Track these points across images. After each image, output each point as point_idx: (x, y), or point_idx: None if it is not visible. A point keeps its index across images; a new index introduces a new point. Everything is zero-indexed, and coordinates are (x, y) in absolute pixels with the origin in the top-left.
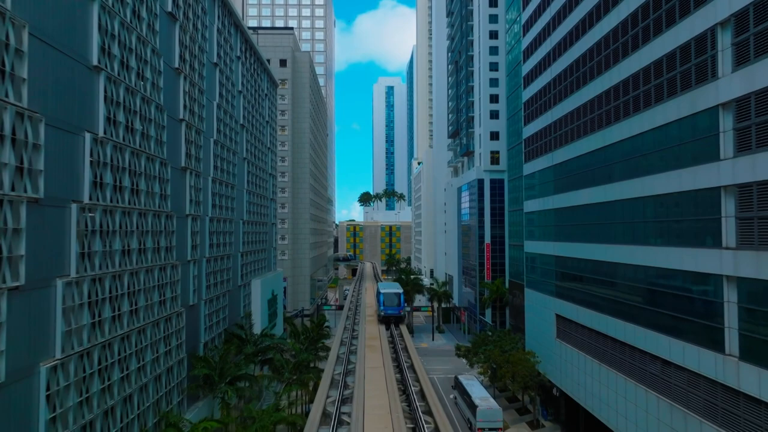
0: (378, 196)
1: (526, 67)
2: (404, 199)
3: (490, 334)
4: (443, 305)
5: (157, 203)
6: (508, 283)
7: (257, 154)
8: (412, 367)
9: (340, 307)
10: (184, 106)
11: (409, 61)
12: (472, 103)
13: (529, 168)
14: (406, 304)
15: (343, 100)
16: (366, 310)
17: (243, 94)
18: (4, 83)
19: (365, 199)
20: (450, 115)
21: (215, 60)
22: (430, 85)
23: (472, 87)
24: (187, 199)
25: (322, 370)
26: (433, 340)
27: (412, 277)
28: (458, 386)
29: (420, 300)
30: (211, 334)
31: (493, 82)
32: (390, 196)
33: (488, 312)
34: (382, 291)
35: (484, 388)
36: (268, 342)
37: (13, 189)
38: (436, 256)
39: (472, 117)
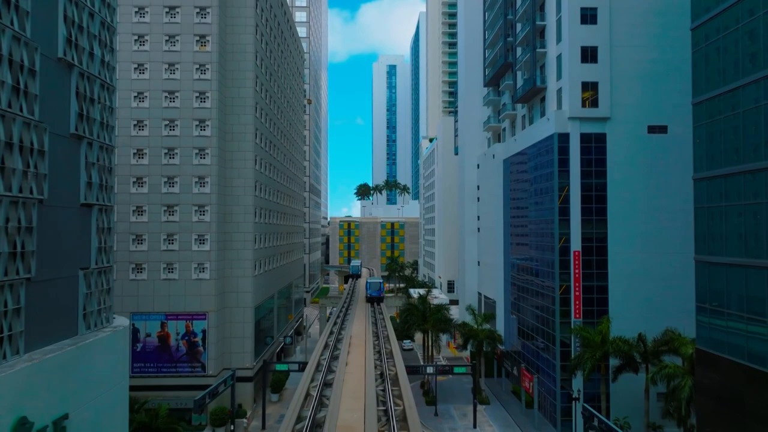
0: (378, 189)
1: None
2: (408, 192)
3: None
4: (484, 349)
5: None
6: (694, 352)
7: None
8: None
9: (304, 367)
10: None
11: (414, 33)
12: (542, 4)
13: None
14: (384, 289)
15: (345, 93)
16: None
17: None
18: None
19: (363, 192)
20: (487, 51)
21: None
22: (445, 43)
23: None
24: None
25: None
26: (474, 426)
27: (432, 303)
28: None
29: (443, 343)
30: None
31: None
32: (392, 188)
33: (576, 378)
34: (369, 281)
35: None
36: None
37: None
38: (463, 267)
39: (543, 28)
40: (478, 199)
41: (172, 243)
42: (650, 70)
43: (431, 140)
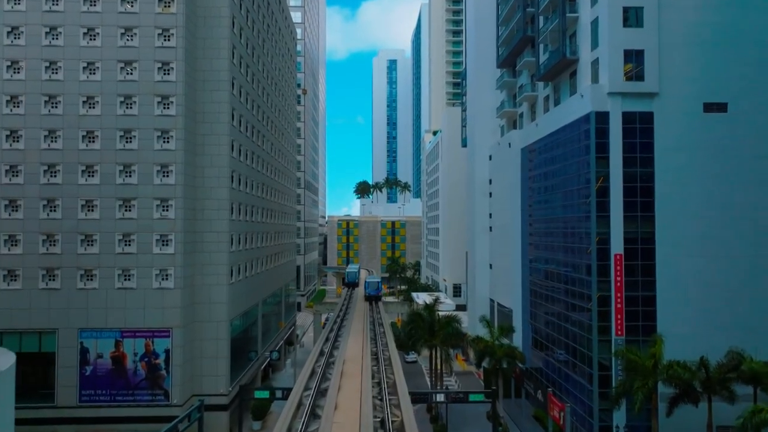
0: (378, 186)
1: None
2: (409, 190)
3: None
4: (502, 366)
5: None
6: None
7: None
8: None
9: (288, 395)
10: None
11: (416, 26)
12: None
13: None
14: (383, 288)
15: (345, 91)
16: None
17: None
18: None
19: (363, 190)
20: (501, 28)
21: None
22: (449, 31)
23: None
24: None
25: None
26: None
27: (440, 312)
28: None
29: (454, 362)
30: None
31: None
32: (392, 185)
33: (618, 411)
34: (367, 280)
35: None
36: None
37: None
38: (473, 270)
39: None
40: (490, 194)
41: (129, 245)
42: (707, 35)
43: (435, 133)
